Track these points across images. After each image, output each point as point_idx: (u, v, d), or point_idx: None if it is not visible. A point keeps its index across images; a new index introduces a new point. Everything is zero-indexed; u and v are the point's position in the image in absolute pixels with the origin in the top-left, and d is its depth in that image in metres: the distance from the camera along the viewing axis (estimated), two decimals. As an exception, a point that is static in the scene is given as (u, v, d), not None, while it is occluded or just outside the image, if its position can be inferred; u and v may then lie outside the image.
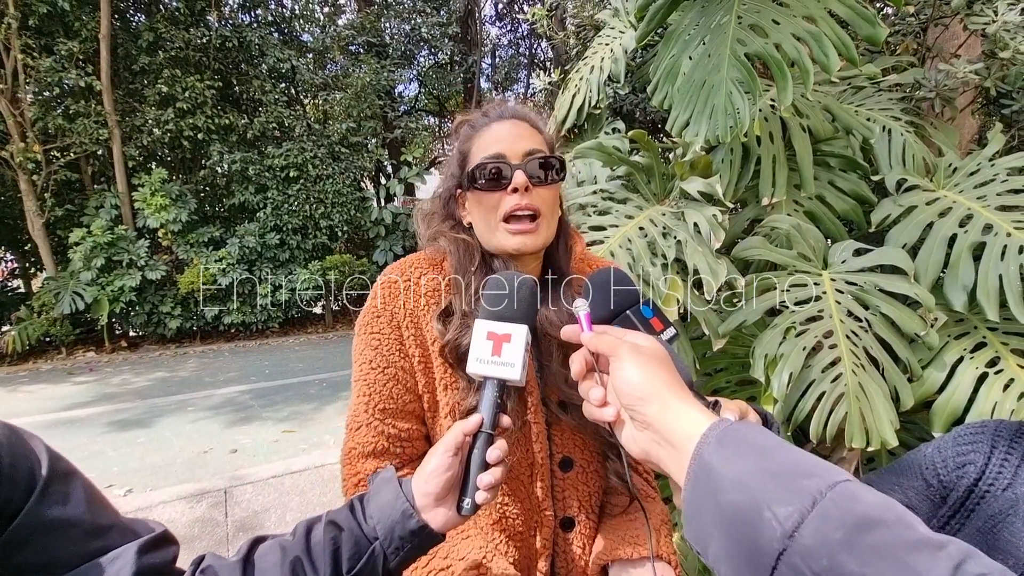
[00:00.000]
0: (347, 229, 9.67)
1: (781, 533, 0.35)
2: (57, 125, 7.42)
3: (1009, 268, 1.27)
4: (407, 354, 0.81)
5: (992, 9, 1.76)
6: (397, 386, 0.80)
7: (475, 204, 0.84)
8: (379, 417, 0.80)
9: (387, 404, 0.80)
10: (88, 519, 0.47)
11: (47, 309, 7.36)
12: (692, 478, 0.41)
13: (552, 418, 0.83)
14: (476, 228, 0.85)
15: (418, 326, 0.82)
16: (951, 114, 1.82)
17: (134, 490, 3.19)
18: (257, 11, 9.71)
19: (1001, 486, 0.69)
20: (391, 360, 0.80)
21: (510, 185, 0.79)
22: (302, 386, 5.72)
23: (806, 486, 0.36)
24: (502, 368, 0.62)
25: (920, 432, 1.53)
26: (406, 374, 0.81)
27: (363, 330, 0.83)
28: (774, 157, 1.61)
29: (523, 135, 0.82)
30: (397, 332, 0.81)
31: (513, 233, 0.80)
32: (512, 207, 0.79)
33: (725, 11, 1.41)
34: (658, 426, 0.46)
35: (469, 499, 0.60)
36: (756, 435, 0.41)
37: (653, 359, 0.50)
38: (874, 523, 0.33)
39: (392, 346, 0.81)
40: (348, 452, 0.82)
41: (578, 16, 3.14)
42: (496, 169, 0.80)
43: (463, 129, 0.88)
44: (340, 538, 0.57)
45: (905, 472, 0.78)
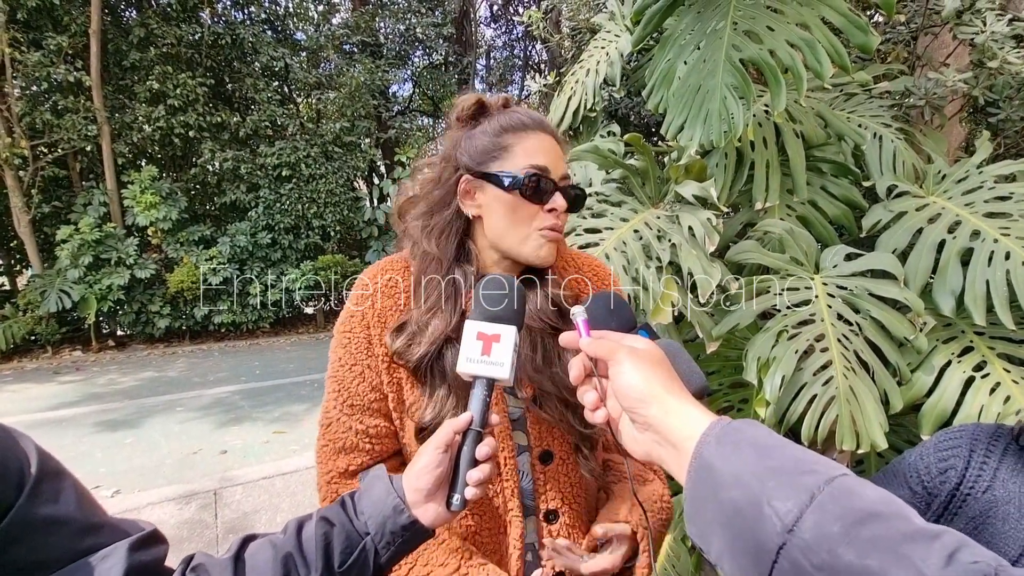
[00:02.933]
0: (340, 229, 9.62)
1: (781, 528, 0.35)
2: (45, 121, 7.31)
3: (996, 274, 1.29)
4: (373, 353, 0.82)
5: (981, 19, 1.79)
6: (363, 383, 0.81)
7: (502, 205, 0.81)
8: (347, 412, 0.81)
9: (354, 400, 0.81)
10: (79, 517, 0.47)
11: (33, 307, 7.25)
12: (693, 476, 0.42)
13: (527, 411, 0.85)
14: (491, 227, 0.83)
15: (386, 326, 0.83)
16: (940, 122, 1.85)
17: (122, 491, 3.15)
18: (250, 8, 9.65)
19: (981, 488, 0.70)
20: (358, 358, 0.82)
21: (548, 205, 0.81)
22: (293, 387, 5.68)
23: (805, 482, 0.37)
24: (491, 367, 0.64)
25: (909, 435, 1.55)
26: (372, 372, 0.82)
27: (337, 330, 0.85)
28: (767, 162, 1.63)
29: (561, 157, 0.84)
30: (366, 332, 0.82)
31: (546, 246, 0.82)
32: (547, 226, 0.81)
33: (721, 17, 1.43)
34: (658, 427, 0.47)
35: (459, 495, 0.61)
36: (755, 433, 0.42)
37: (651, 361, 0.51)
38: (871, 516, 0.34)
39: (360, 344, 0.82)
40: (320, 449, 0.83)
41: (574, 19, 3.15)
42: (549, 183, 0.81)
43: (502, 118, 0.82)
44: (332, 533, 0.58)
45: (890, 481, 0.80)
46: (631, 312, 0.69)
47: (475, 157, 0.82)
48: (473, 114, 0.85)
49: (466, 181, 0.83)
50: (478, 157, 0.82)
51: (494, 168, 0.81)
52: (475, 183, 0.82)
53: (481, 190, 0.82)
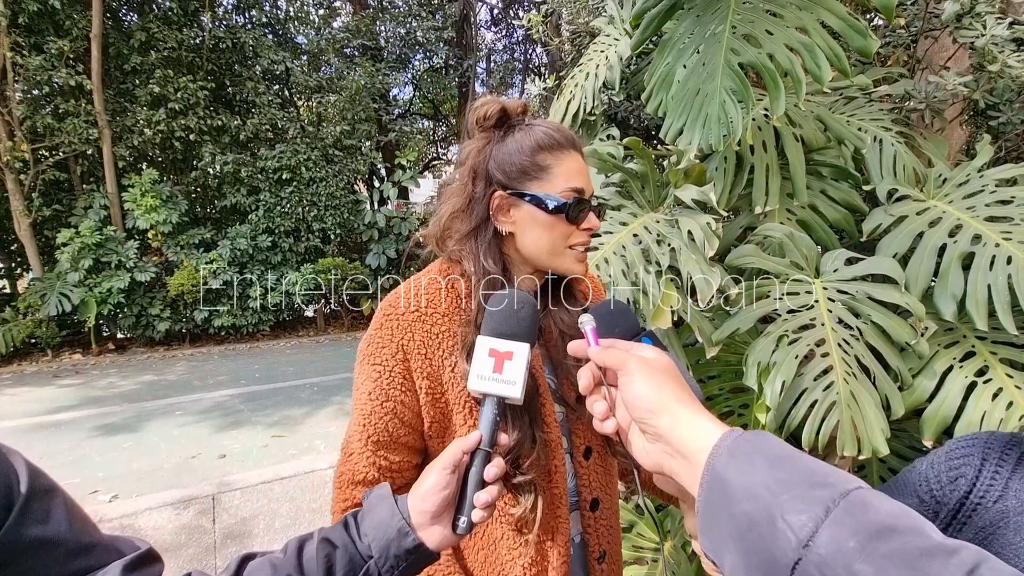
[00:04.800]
0: (340, 232, 9.62)
1: (796, 543, 0.35)
2: (46, 124, 7.32)
3: (998, 278, 1.29)
4: (412, 388, 0.79)
5: (981, 23, 1.79)
6: (394, 420, 0.78)
7: (539, 225, 0.81)
8: (371, 448, 0.78)
9: (381, 437, 0.78)
10: (70, 538, 0.46)
11: (33, 310, 7.25)
12: (705, 489, 0.41)
13: (570, 413, 0.88)
14: (526, 244, 0.83)
15: (427, 356, 0.79)
16: (940, 125, 1.85)
17: (120, 496, 3.13)
18: (251, 12, 9.68)
19: (992, 498, 0.69)
20: (391, 395, 0.78)
21: (584, 223, 0.82)
22: (293, 390, 5.67)
23: (819, 495, 0.36)
24: (503, 386, 0.62)
25: (910, 440, 1.54)
26: (406, 409, 0.78)
27: (366, 360, 0.80)
28: (767, 166, 1.62)
29: (589, 175, 0.86)
30: (403, 365, 0.78)
31: (580, 260, 0.85)
32: (581, 243, 0.83)
33: (720, 21, 1.42)
34: (669, 438, 0.46)
35: (465, 517, 0.59)
36: (768, 444, 0.41)
37: (661, 372, 0.50)
38: (888, 530, 0.33)
39: (395, 380, 0.78)
40: (339, 476, 0.81)
41: (573, 23, 3.15)
42: (587, 205, 0.82)
43: (536, 135, 0.81)
44: (334, 555, 0.56)
45: (900, 491, 0.78)
46: (635, 319, 0.69)
47: (511, 175, 0.81)
48: (497, 122, 0.84)
49: (500, 197, 0.82)
50: (515, 175, 0.81)
51: (533, 189, 0.80)
52: (511, 200, 0.82)
53: (516, 208, 0.82)
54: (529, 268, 0.86)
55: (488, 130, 0.84)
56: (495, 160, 0.82)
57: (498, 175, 0.82)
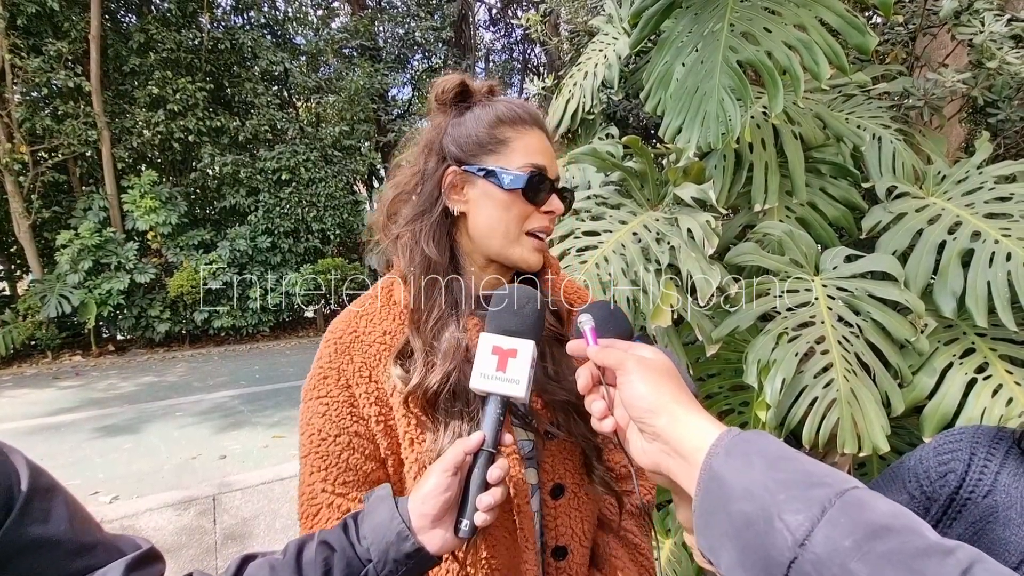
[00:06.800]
0: (339, 232, 9.63)
1: (792, 542, 0.35)
2: (45, 126, 7.33)
3: (997, 275, 1.29)
4: (360, 416, 0.70)
5: (979, 20, 1.79)
6: (354, 454, 0.69)
7: (493, 203, 0.73)
8: (341, 492, 0.68)
9: (347, 477, 0.69)
10: (71, 537, 0.45)
11: (32, 312, 7.25)
12: (703, 488, 0.42)
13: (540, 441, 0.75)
14: (478, 225, 0.74)
15: (372, 379, 0.71)
16: (939, 122, 1.85)
17: (120, 497, 3.13)
18: (250, 13, 9.68)
19: (981, 493, 0.69)
20: (343, 426, 0.69)
21: (545, 207, 0.75)
22: (293, 391, 5.67)
23: (815, 495, 0.36)
24: (507, 384, 0.60)
25: (910, 437, 1.54)
26: (361, 439, 0.70)
27: (308, 396, 0.72)
28: (766, 164, 1.62)
29: (555, 157, 0.78)
30: (347, 392, 0.71)
31: (537, 249, 0.76)
32: (540, 227, 0.75)
33: (718, 19, 1.42)
34: (667, 437, 0.47)
35: (468, 520, 0.58)
36: (765, 444, 0.41)
37: (660, 371, 0.50)
38: (883, 530, 0.33)
39: (342, 410, 0.70)
40: (304, 519, 0.70)
41: (572, 22, 3.15)
42: (548, 184, 0.74)
43: (497, 108, 0.75)
44: (332, 559, 0.55)
45: (888, 486, 0.78)
46: (628, 319, 0.69)
47: (466, 148, 0.73)
48: (455, 97, 0.76)
49: (454, 173, 0.74)
50: (470, 149, 0.73)
51: (490, 163, 0.73)
52: (464, 176, 0.74)
53: (471, 184, 0.74)
54: (481, 259, 0.77)
55: (447, 105, 0.77)
56: (450, 134, 0.75)
57: (452, 149, 0.74)
